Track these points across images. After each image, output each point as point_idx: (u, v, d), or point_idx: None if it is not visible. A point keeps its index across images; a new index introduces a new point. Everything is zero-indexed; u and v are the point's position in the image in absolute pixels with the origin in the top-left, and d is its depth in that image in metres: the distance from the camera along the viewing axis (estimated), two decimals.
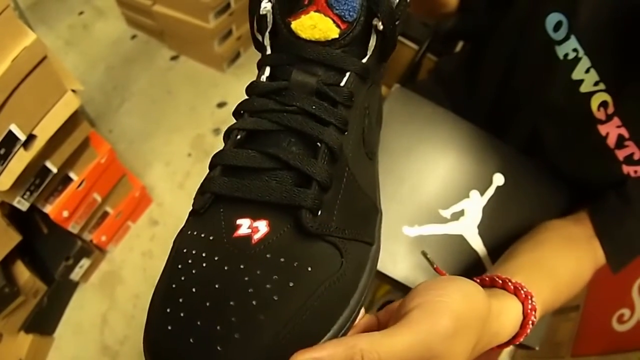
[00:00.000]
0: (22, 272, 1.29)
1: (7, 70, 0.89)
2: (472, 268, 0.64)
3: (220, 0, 1.83)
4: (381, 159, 0.67)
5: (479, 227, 0.66)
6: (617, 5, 0.53)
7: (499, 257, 0.59)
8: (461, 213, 0.66)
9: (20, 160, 1.01)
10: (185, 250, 0.32)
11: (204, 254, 0.31)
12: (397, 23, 0.36)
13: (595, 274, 0.62)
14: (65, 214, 1.29)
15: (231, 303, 0.28)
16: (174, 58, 2.17)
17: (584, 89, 0.59)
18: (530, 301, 0.45)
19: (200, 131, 1.91)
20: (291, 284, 0.29)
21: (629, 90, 0.55)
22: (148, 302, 0.32)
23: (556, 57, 0.60)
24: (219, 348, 0.27)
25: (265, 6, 0.35)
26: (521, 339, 0.45)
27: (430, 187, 0.68)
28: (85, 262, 1.51)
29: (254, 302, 0.28)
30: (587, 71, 0.57)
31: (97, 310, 1.54)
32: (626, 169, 0.59)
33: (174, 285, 0.30)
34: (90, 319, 1.52)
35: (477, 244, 0.65)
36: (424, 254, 0.63)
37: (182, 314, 0.29)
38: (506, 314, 0.43)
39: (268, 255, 0.30)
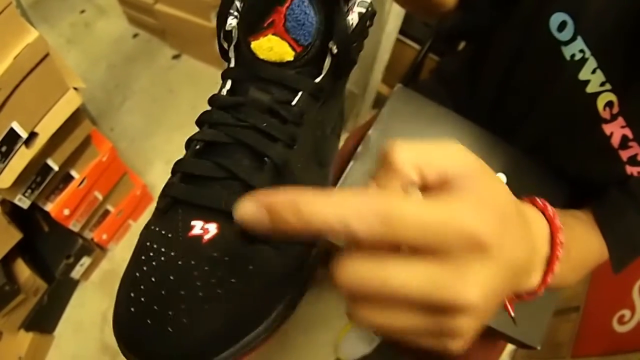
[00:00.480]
0: (23, 270, 1.29)
1: (9, 68, 0.89)
2: None
3: None
4: None
5: None
6: (624, 5, 0.53)
7: None
8: None
9: (21, 158, 1.01)
10: (148, 244, 0.35)
11: (162, 249, 0.34)
12: (354, 45, 0.37)
13: (596, 275, 0.61)
14: (66, 212, 1.29)
15: (182, 292, 0.32)
16: (175, 57, 2.17)
17: (590, 89, 0.58)
18: (556, 220, 0.43)
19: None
20: (232, 280, 0.33)
21: (634, 91, 0.55)
22: None
23: (563, 57, 0.60)
24: (170, 329, 0.31)
25: (231, 22, 0.38)
26: (555, 267, 0.42)
27: None
28: (86, 261, 1.51)
29: (200, 294, 0.32)
30: (594, 72, 0.57)
31: (98, 309, 1.54)
32: (630, 169, 0.59)
33: (137, 274, 0.34)
34: (90, 318, 1.52)
35: None
36: None
37: (142, 299, 0.33)
38: (537, 225, 0.43)
39: (215, 254, 0.33)
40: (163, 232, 0.35)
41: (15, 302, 1.25)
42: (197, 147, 0.36)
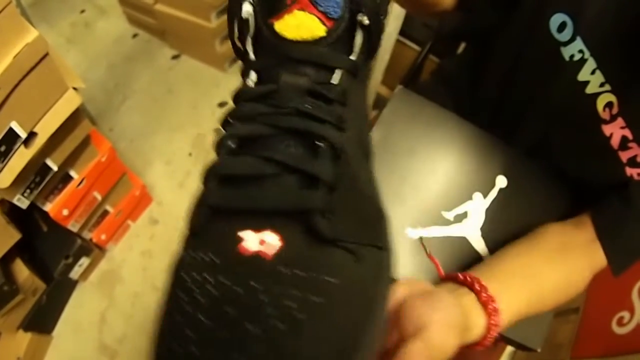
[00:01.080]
0: (22, 270, 1.29)
1: (9, 67, 0.89)
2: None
3: (222, 0, 1.83)
4: (384, 160, 0.67)
5: (481, 229, 0.66)
6: (624, 6, 0.53)
7: None
8: (464, 215, 0.66)
9: (20, 157, 1.01)
10: (186, 276, 0.28)
11: (208, 277, 0.27)
12: (381, 18, 0.35)
13: (595, 277, 0.62)
14: (65, 212, 1.29)
15: (250, 328, 0.25)
16: (175, 57, 2.17)
17: (589, 90, 0.58)
18: (495, 318, 0.47)
19: (201, 131, 1.91)
20: (316, 299, 0.26)
21: (634, 91, 0.55)
22: (147, 301, 0.31)
23: (562, 58, 0.60)
24: None
25: (247, 9, 0.33)
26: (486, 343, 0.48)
27: (433, 189, 0.67)
28: (84, 261, 1.51)
29: (278, 324, 0.25)
30: (593, 72, 0.57)
31: (96, 309, 1.53)
32: (629, 171, 0.58)
33: (179, 318, 0.27)
34: (89, 318, 1.52)
35: (480, 246, 0.65)
36: (420, 240, 0.63)
37: (193, 349, 0.25)
38: (474, 321, 0.46)
39: (282, 270, 0.27)
40: (204, 256, 0.29)
41: (14, 302, 1.25)
42: (232, 145, 0.32)
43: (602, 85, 0.57)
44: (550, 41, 0.60)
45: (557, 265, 0.58)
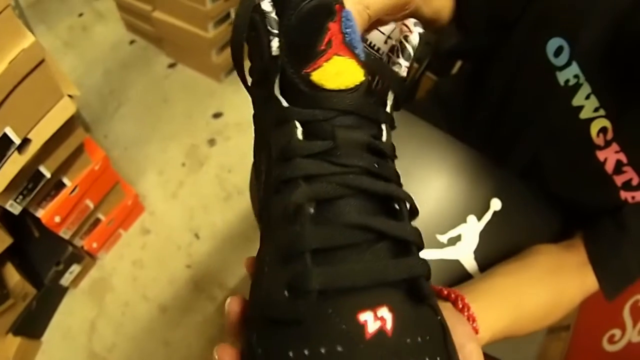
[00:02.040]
0: (12, 275, 1.29)
1: (4, 72, 0.88)
2: None
3: (220, 10, 1.84)
4: None
5: (475, 252, 0.66)
6: (620, 31, 0.53)
7: None
8: (458, 238, 0.66)
9: (14, 163, 1.01)
10: None
11: None
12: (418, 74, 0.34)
13: None
14: (57, 219, 1.28)
15: None
16: (171, 66, 2.17)
17: (583, 115, 0.59)
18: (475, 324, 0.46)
19: (195, 141, 1.90)
20: (439, 358, 0.26)
21: (629, 117, 0.55)
22: (137, 311, 0.30)
23: (557, 83, 0.60)
24: None
25: (275, 44, 0.31)
26: None
27: (427, 212, 0.67)
28: (75, 268, 1.50)
29: None
30: (588, 97, 0.57)
31: (86, 317, 1.52)
32: (624, 194, 0.59)
33: None
34: (78, 325, 1.51)
35: (473, 269, 0.65)
36: None
37: None
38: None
39: (407, 340, 0.26)
40: (321, 350, 0.25)
41: (4, 307, 1.24)
42: (312, 210, 0.28)
43: (596, 110, 0.57)
44: (546, 65, 0.60)
45: (546, 287, 0.58)
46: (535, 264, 0.60)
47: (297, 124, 0.30)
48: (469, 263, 0.65)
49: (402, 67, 0.33)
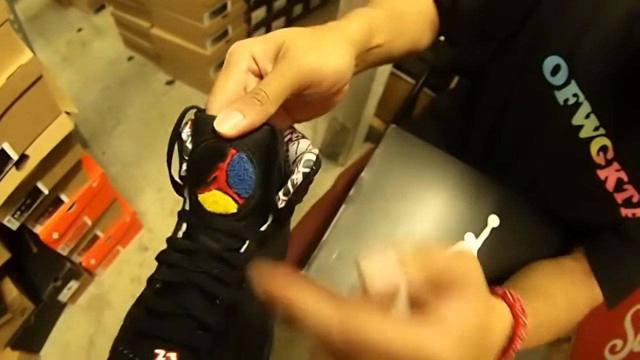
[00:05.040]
0: (11, 290, 1.29)
1: (2, 88, 0.88)
2: None
3: (218, 27, 1.85)
4: (375, 201, 0.67)
5: None
6: (619, 50, 0.53)
7: None
8: None
9: (11, 179, 1.00)
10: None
11: None
12: (294, 202, 0.41)
13: None
14: (55, 235, 1.28)
15: None
16: (169, 83, 2.18)
17: (583, 134, 0.58)
18: (523, 330, 0.44)
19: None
20: None
21: (629, 135, 0.54)
22: None
23: (556, 102, 0.59)
24: None
25: (185, 168, 0.40)
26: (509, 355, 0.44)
27: (425, 230, 0.67)
28: (73, 284, 1.50)
29: None
30: (587, 116, 0.57)
31: (85, 333, 1.52)
32: (624, 211, 0.58)
33: None
34: (77, 341, 1.50)
35: None
36: None
37: None
38: (499, 324, 0.43)
39: None
40: (130, 355, 0.37)
41: (2, 321, 1.24)
42: (158, 285, 0.39)
43: (596, 129, 0.57)
44: (543, 85, 0.60)
45: (563, 285, 0.58)
46: (544, 267, 0.60)
47: (184, 225, 0.40)
48: None
49: (280, 200, 0.39)
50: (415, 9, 0.59)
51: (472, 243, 0.67)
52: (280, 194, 0.39)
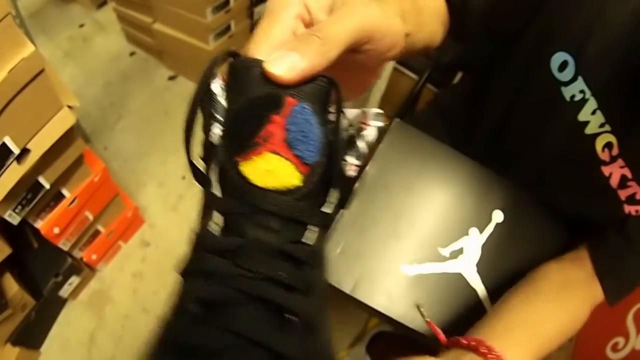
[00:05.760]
0: (11, 285, 1.28)
1: (3, 82, 0.87)
2: (471, 307, 0.64)
3: (221, 22, 1.85)
4: (380, 195, 0.67)
5: (477, 265, 0.66)
6: (627, 47, 0.52)
7: (498, 296, 0.60)
8: (460, 251, 0.66)
9: (13, 173, 1.00)
10: None
11: None
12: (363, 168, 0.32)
13: None
14: (56, 230, 1.28)
15: None
16: (171, 78, 2.17)
17: (589, 130, 0.58)
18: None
19: (195, 154, 1.89)
20: None
21: (634, 132, 0.54)
22: (137, 324, 0.29)
23: (562, 98, 0.59)
24: None
25: (217, 132, 0.30)
26: None
27: (429, 225, 0.67)
28: (74, 280, 1.50)
29: None
30: (594, 113, 0.57)
31: (85, 328, 1.52)
32: (628, 208, 0.59)
33: None
34: (77, 337, 1.50)
35: (476, 283, 0.65)
36: (418, 307, 0.63)
37: None
38: None
39: None
40: None
41: (3, 317, 1.24)
42: (193, 309, 0.28)
43: (602, 125, 0.57)
44: (550, 81, 0.60)
45: (561, 304, 0.59)
46: (547, 283, 0.61)
47: (217, 214, 0.29)
48: (472, 277, 0.65)
49: (352, 165, 0.31)
50: (432, 5, 0.58)
51: (476, 238, 0.66)
52: (351, 158, 0.31)
